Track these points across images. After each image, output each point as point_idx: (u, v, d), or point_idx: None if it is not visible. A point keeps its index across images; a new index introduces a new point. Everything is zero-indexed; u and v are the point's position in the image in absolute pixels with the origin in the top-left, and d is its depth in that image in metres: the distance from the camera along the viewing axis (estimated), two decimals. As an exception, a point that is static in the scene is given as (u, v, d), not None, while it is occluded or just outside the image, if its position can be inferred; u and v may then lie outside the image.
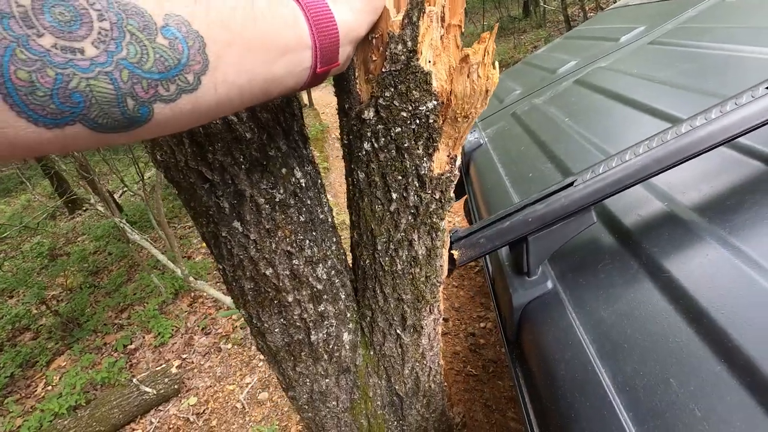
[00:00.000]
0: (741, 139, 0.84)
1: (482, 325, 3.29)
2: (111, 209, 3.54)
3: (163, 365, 3.27)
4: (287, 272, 0.86)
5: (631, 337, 0.63)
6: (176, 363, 3.38)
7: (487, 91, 0.63)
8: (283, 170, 0.76)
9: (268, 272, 0.84)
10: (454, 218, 4.34)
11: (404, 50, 0.61)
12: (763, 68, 1.09)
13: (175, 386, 3.03)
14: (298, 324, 0.94)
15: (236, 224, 0.77)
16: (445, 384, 1.19)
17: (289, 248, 0.83)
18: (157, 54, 0.36)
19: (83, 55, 0.32)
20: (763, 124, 0.70)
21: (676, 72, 1.31)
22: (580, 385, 0.62)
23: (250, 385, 2.97)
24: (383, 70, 0.63)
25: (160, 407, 3.04)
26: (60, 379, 3.63)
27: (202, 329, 3.77)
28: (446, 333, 3.24)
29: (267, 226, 0.78)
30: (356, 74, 0.69)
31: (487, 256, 1.18)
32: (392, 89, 0.64)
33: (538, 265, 0.85)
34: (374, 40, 0.63)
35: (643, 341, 0.61)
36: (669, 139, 0.76)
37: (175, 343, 3.72)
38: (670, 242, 0.72)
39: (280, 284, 0.87)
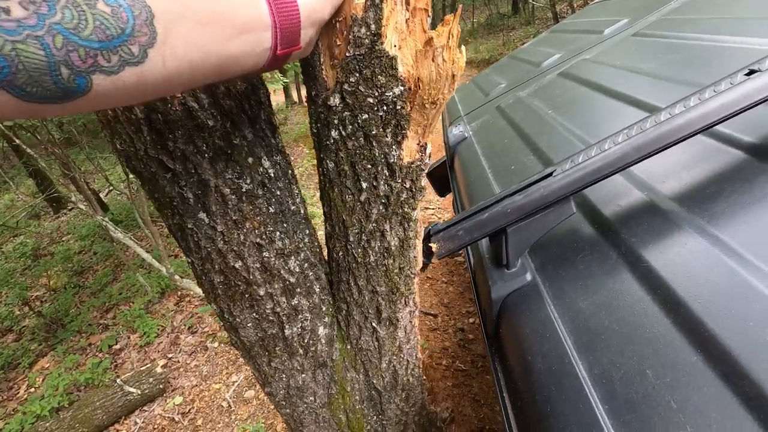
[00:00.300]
0: (720, 127, 0.83)
1: (471, 320, 3.28)
2: (94, 207, 3.47)
3: (148, 365, 3.21)
4: (257, 265, 0.83)
5: (608, 329, 0.61)
6: (162, 362, 3.33)
7: (453, 75, 0.61)
8: (250, 159, 0.73)
9: (237, 265, 0.82)
10: (443, 215, 4.33)
11: (368, 34, 0.59)
12: (745, 57, 1.08)
13: (161, 386, 2.99)
14: (271, 318, 0.91)
15: (202, 215, 0.74)
16: (424, 378, 1.17)
17: (258, 240, 0.80)
18: (98, 21, 0.33)
19: (9, 16, 0.29)
20: (741, 111, 0.69)
21: (659, 63, 1.30)
22: (556, 378, 0.60)
23: (236, 384, 2.93)
24: (347, 54, 0.61)
25: (145, 407, 2.99)
26: (43, 380, 3.56)
27: (189, 328, 3.72)
28: (435, 329, 3.23)
29: (234, 217, 0.76)
30: (321, 60, 0.66)
31: (470, 250, 1.16)
32: (357, 74, 0.62)
33: (518, 257, 0.83)
34: (338, 24, 0.61)
35: (621, 332, 0.59)
36: (648, 127, 0.75)
37: (161, 342, 3.66)
38: (649, 232, 0.71)
39: (251, 277, 0.84)
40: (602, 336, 0.62)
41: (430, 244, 0.88)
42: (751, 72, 0.72)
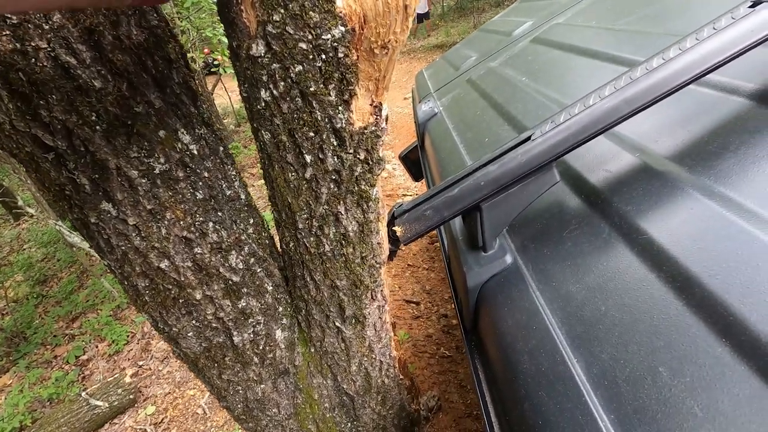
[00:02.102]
0: (716, 76, 0.72)
1: (453, 306, 3.20)
2: (46, 211, 3.22)
3: (116, 375, 3.02)
4: (189, 264, 0.69)
5: (606, 316, 0.50)
6: (131, 371, 3.14)
7: (405, 7, 0.48)
8: (161, 133, 0.58)
9: (162, 265, 0.67)
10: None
11: (291, -48, 0.45)
12: (729, 3, 0.98)
13: (131, 396, 2.81)
14: (214, 325, 0.78)
15: (106, 206, 0.59)
16: (402, 377, 1.05)
17: (185, 234, 0.66)
18: None
19: None
20: (748, 49, 0.58)
21: (635, 18, 1.19)
22: (547, 381, 0.48)
23: (212, 389, 2.78)
24: (267, -18, 0.47)
25: (115, 420, 2.81)
26: (4, 399, 3.33)
27: (160, 333, 3.53)
28: (419, 316, 3.15)
29: (149, 207, 0.61)
30: (240, -3, 0.51)
31: (443, 232, 1.04)
32: (282, 10, 0.48)
33: (495, 237, 0.71)
34: (254, -56, 0.46)
35: (622, 320, 0.48)
36: (639, 75, 0.63)
37: (131, 349, 3.46)
38: (645, 198, 0.60)
39: (182, 279, 0.70)
40: (599, 326, 0.51)
41: (393, 228, 0.75)
42: (756, 3, 0.61)
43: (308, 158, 0.60)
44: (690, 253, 0.49)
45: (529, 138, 0.69)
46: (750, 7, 0.61)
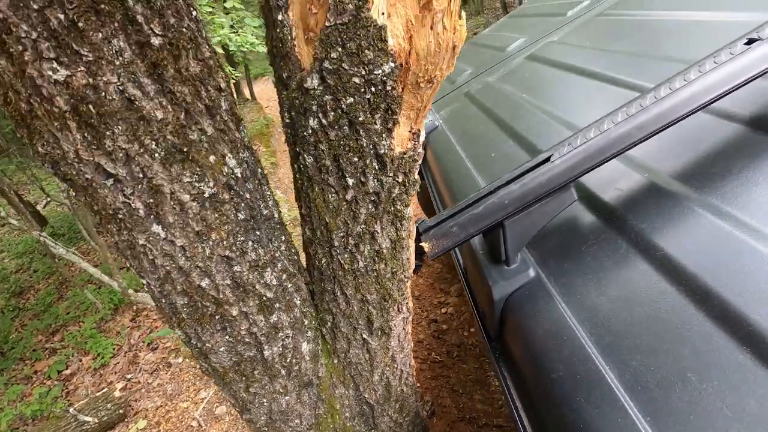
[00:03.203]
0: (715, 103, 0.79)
1: (443, 310, 3.26)
2: (28, 222, 3.13)
3: (105, 389, 2.95)
4: (228, 281, 0.71)
5: (633, 326, 0.55)
6: (120, 385, 3.07)
7: (454, 47, 0.52)
8: (212, 158, 0.61)
9: (203, 284, 0.70)
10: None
11: (352, -3, 0.49)
12: (708, 30, 1.06)
13: (120, 411, 2.75)
14: (247, 340, 0.80)
15: (156, 229, 0.61)
16: (418, 385, 1.09)
17: (227, 253, 0.69)
18: None
19: None
20: (747, 82, 0.65)
21: (629, 41, 1.27)
22: (584, 387, 0.53)
23: (205, 400, 2.75)
24: (327, 24, 0.51)
25: (105, 436, 2.75)
26: (-18, 418, 3.20)
27: (148, 345, 3.46)
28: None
29: (197, 229, 0.64)
30: (293, 33, 0.55)
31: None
32: (340, 48, 0.52)
33: (517, 252, 0.76)
34: (313, -13, 0.50)
35: (648, 330, 0.54)
36: (648, 103, 0.70)
37: (118, 363, 3.39)
38: (658, 216, 0.66)
39: (221, 296, 0.72)
40: (627, 336, 0.56)
41: (421, 244, 0.79)
42: (751, 41, 0.69)
43: (350, 181, 0.64)
44: (706, 269, 0.55)
45: (548, 159, 0.74)
46: (746, 44, 0.68)
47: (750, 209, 0.58)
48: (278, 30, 0.55)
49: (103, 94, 0.49)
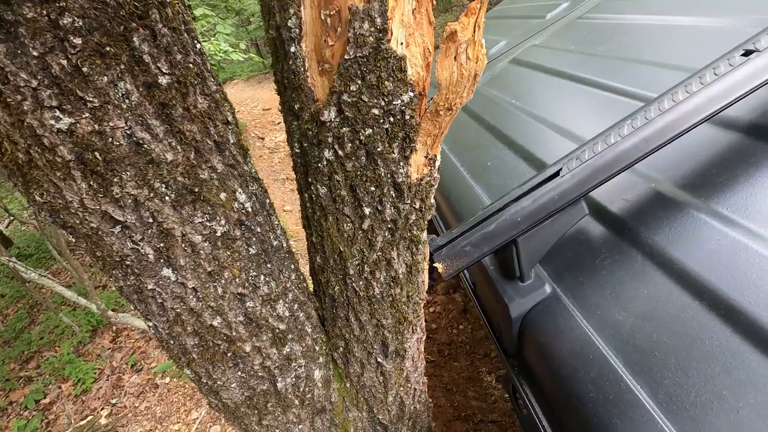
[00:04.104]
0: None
1: (431, 309, 3.27)
2: (-5, 246, 2.96)
3: (89, 417, 2.83)
4: (241, 318, 0.69)
5: (659, 343, 0.56)
6: (105, 411, 2.95)
7: (476, 75, 0.51)
8: (223, 196, 0.58)
9: (215, 323, 0.67)
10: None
11: (372, 29, 0.47)
12: (689, 34, 1.10)
13: (108, 438, 2.64)
14: (260, 374, 0.77)
15: (167, 272, 0.58)
16: (430, 400, 1.09)
17: (240, 290, 0.66)
18: None
19: None
20: (749, 93, 0.66)
21: (613, 45, 1.30)
22: (618, 408, 0.53)
23: (198, 421, 2.67)
24: (346, 57, 0.49)
25: (92, 466, 2.64)
26: (-45, 456, 3.02)
27: (132, 366, 3.34)
28: (402, 327, 3.17)
29: (209, 269, 0.61)
30: (306, 65, 0.53)
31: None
32: (359, 81, 0.50)
33: (531, 268, 0.76)
34: (329, 19, 0.48)
35: (675, 347, 0.54)
36: (653, 116, 0.71)
37: (101, 387, 3.25)
38: (670, 228, 0.67)
39: (234, 334, 0.69)
40: (655, 353, 0.56)
41: (435, 265, 0.78)
42: (748, 52, 0.70)
43: (367, 210, 0.62)
44: (727, 282, 0.56)
45: (557, 174, 0.74)
46: (743, 55, 0.70)
47: (761, 219, 0.60)
48: (290, 62, 0.53)
49: (110, 140, 0.46)
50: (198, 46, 0.54)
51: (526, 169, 1.05)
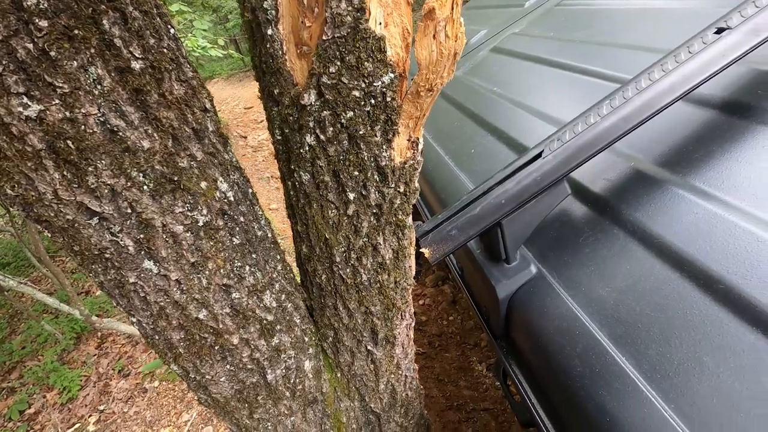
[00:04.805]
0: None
1: (421, 302, 3.29)
2: (-30, 254, 2.87)
3: (77, 425, 2.78)
4: (227, 310, 0.68)
5: (642, 316, 0.57)
6: (93, 418, 2.89)
7: (455, 54, 0.51)
8: (203, 184, 0.57)
9: (201, 315, 0.66)
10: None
11: (350, 9, 0.47)
12: (664, 16, 1.12)
13: (97, 445, 2.59)
14: (249, 366, 0.76)
15: (148, 264, 0.57)
16: (421, 387, 1.09)
17: (225, 281, 0.65)
18: None
19: None
20: (723, 69, 0.68)
21: (590, 31, 1.31)
22: (604, 381, 0.54)
23: (189, 423, 2.64)
24: (324, 38, 0.48)
25: (82, 474, 2.59)
26: (-63, 472, 2.93)
27: (119, 371, 3.28)
28: (392, 320, 3.18)
29: (192, 260, 0.60)
30: (284, 48, 0.52)
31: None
32: (339, 62, 0.50)
33: (516, 250, 0.77)
34: (306, 0, 0.47)
35: (658, 318, 0.55)
36: (631, 95, 0.72)
37: (88, 394, 3.19)
38: (650, 204, 0.68)
39: (220, 326, 0.68)
40: (638, 325, 0.58)
41: (421, 250, 0.78)
42: (720, 30, 0.72)
43: (351, 196, 0.62)
44: (705, 253, 0.57)
45: (539, 155, 0.75)
46: (715, 33, 0.71)
47: (736, 192, 0.62)
48: (267, 45, 0.52)
49: (83, 127, 0.45)
50: (172, 31, 0.52)
51: (510, 155, 1.06)
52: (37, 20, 0.39)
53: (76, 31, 0.41)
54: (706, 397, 0.47)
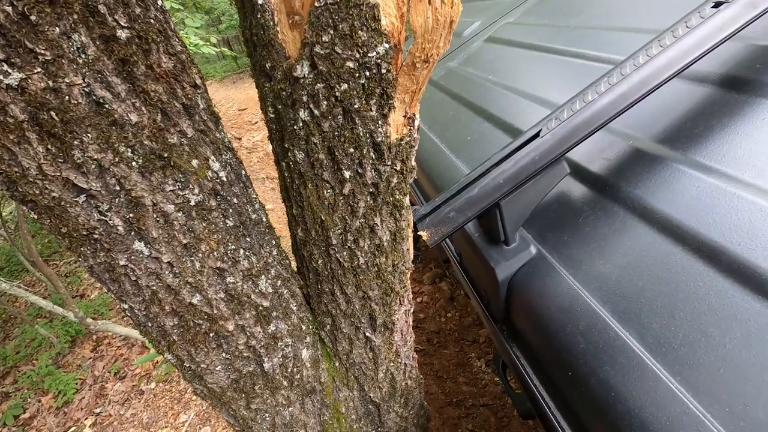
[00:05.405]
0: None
1: (418, 299, 3.28)
2: (-39, 257, 2.83)
3: (73, 428, 2.74)
4: (221, 295, 0.66)
5: (645, 290, 0.56)
6: (89, 421, 2.86)
7: (452, 21, 0.50)
8: (194, 162, 0.56)
9: (195, 300, 0.64)
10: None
11: (342, -27, 0.45)
12: (662, 2, 1.11)
13: (93, 448, 2.56)
14: (245, 354, 0.75)
15: (139, 246, 0.55)
16: (421, 376, 1.08)
17: (219, 264, 0.63)
18: None
19: None
20: (720, 44, 0.67)
21: (584, 17, 1.30)
22: (608, 356, 0.53)
23: (187, 423, 2.62)
24: (317, 5, 0.47)
25: (79, 477, 2.55)
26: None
27: (115, 374, 3.24)
28: (390, 317, 3.16)
29: (184, 241, 0.58)
30: (276, 18, 0.51)
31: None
32: (332, 31, 0.48)
33: (515, 231, 0.75)
34: (297, -34, 0.46)
35: (661, 292, 0.54)
36: (629, 71, 0.71)
37: (83, 397, 3.15)
38: (650, 180, 0.67)
39: (215, 312, 0.67)
40: (641, 300, 0.56)
41: (419, 233, 0.77)
42: (718, 3, 0.71)
43: (347, 174, 0.60)
44: (708, 226, 0.56)
45: (537, 135, 0.74)
46: (713, 7, 0.70)
47: (737, 164, 0.61)
48: (258, 15, 0.50)
49: (67, 98, 0.43)
50: (159, 2, 0.51)
51: (506, 140, 1.05)
52: (16, -18, 0.37)
53: (57, -5, 0.40)
54: (712, 367, 0.46)
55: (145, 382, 3.05)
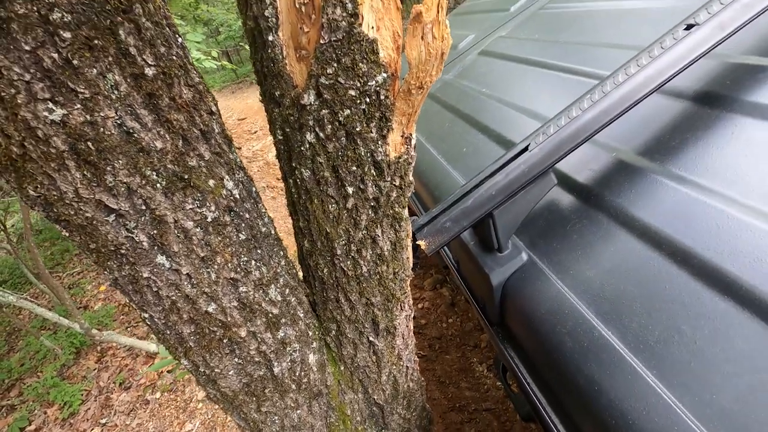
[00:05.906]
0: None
1: (420, 306, 3.31)
2: (-32, 271, 2.87)
3: (79, 439, 2.77)
4: (235, 303, 0.71)
5: (626, 293, 0.61)
6: (95, 432, 2.89)
7: (442, 53, 0.56)
8: (211, 182, 0.61)
9: (210, 309, 0.69)
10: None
11: (344, 15, 0.51)
12: (641, 16, 1.17)
13: (100, 458, 2.59)
14: (256, 359, 0.80)
15: (161, 259, 0.61)
16: (422, 378, 1.13)
17: (233, 275, 0.68)
18: None
19: None
20: (692, 62, 0.73)
21: (575, 31, 1.37)
22: (593, 354, 0.58)
23: (192, 432, 2.65)
24: (322, 42, 0.52)
25: (86, 488, 2.58)
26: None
27: (120, 384, 3.27)
28: (391, 323, 3.19)
29: (202, 254, 0.63)
30: (284, 52, 0.56)
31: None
32: (335, 64, 0.54)
33: (508, 239, 0.81)
34: (303, 7, 0.52)
35: (640, 294, 0.59)
36: (610, 89, 0.76)
37: (89, 408, 3.18)
38: (632, 191, 0.73)
39: (228, 319, 0.72)
40: (622, 301, 0.62)
41: (417, 243, 0.82)
42: (690, 26, 0.77)
43: (350, 190, 0.66)
44: (681, 232, 0.61)
45: (526, 149, 0.79)
46: (685, 29, 0.76)
47: (708, 175, 0.66)
48: (268, 50, 0.56)
49: (102, 129, 0.49)
50: (180, 40, 0.56)
51: (500, 152, 1.11)
52: (61, 32, 0.43)
53: (96, 41, 0.45)
54: (685, 362, 0.51)
55: (150, 392, 3.08)
